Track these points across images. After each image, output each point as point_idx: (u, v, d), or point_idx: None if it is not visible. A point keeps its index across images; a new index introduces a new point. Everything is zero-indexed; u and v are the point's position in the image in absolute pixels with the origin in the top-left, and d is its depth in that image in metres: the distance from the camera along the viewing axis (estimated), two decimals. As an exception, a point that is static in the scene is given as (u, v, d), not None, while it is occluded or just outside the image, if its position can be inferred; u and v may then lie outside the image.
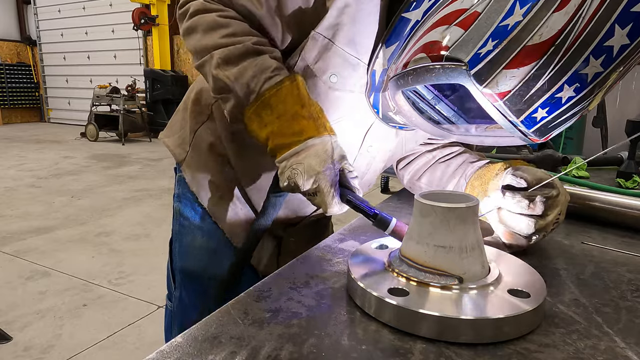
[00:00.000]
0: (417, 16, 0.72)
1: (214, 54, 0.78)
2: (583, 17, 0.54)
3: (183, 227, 1.03)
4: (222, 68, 0.77)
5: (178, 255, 1.05)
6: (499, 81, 0.58)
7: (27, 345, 2.33)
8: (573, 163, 1.43)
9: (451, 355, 0.47)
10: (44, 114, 13.11)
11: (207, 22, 0.79)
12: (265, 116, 0.75)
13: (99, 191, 5.37)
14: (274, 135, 0.75)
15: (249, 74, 0.76)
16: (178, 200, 1.05)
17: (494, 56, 0.58)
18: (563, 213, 0.78)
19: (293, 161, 0.74)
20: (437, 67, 0.63)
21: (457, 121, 0.79)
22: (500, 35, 0.58)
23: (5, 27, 12.52)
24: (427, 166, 1.07)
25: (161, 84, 9.21)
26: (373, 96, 0.84)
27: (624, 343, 0.50)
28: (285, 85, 0.75)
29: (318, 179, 0.72)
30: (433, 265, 0.56)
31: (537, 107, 0.60)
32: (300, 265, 0.70)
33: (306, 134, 0.74)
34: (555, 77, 0.57)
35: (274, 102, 0.75)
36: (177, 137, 1.04)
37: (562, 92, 0.58)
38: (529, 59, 0.57)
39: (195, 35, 0.81)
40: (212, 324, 0.52)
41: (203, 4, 0.80)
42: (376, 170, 1.03)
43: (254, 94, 0.75)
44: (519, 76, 0.58)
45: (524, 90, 0.59)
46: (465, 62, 0.59)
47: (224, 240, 0.99)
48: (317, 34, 0.78)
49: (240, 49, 0.77)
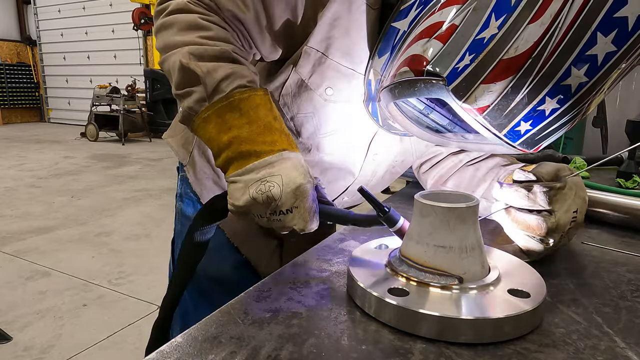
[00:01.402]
0: (404, 26, 0.70)
1: (184, 47, 0.70)
2: (560, 27, 0.53)
3: (185, 227, 1.03)
4: (194, 60, 0.69)
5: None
6: (477, 96, 0.57)
7: (27, 345, 2.33)
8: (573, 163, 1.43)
9: (451, 355, 0.47)
10: (44, 114, 13.12)
11: (187, 21, 0.72)
12: (231, 119, 0.67)
13: (99, 191, 5.37)
14: (241, 141, 0.66)
15: (221, 73, 0.68)
16: (180, 200, 1.05)
17: (471, 70, 0.56)
18: (581, 213, 0.72)
19: (265, 173, 0.64)
20: (419, 82, 0.62)
21: (453, 129, 0.76)
22: (477, 49, 0.56)
23: (5, 27, 12.53)
24: (453, 170, 1.03)
25: (161, 84, 9.20)
26: (371, 106, 0.83)
27: (624, 343, 0.50)
28: (259, 94, 0.69)
29: (299, 193, 0.64)
30: (433, 265, 0.56)
31: (520, 121, 0.58)
32: (300, 265, 0.70)
33: (280, 145, 0.66)
34: (535, 90, 0.56)
35: (244, 106, 0.67)
36: (180, 137, 1.04)
37: (545, 104, 0.57)
38: (505, 73, 0.55)
39: (169, 31, 0.73)
40: (212, 324, 0.53)
41: (186, 4, 0.73)
42: (380, 176, 1.02)
43: (222, 93, 0.68)
44: (497, 90, 0.56)
45: (503, 104, 0.57)
46: (443, 76, 0.58)
47: (225, 241, 0.99)
48: (310, 49, 0.77)
49: (217, 50, 0.70)
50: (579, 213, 0.71)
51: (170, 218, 1.09)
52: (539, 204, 0.69)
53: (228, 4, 0.74)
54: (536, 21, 0.53)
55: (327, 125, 0.86)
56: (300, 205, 0.65)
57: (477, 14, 0.56)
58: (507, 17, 0.54)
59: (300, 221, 0.66)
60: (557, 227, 0.69)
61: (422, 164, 1.10)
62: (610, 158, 0.89)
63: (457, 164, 1.03)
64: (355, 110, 0.84)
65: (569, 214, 0.70)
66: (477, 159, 1.01)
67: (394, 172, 1.05)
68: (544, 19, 0.53)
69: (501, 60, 0.55)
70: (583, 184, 0.74)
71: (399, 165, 1.03)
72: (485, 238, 0.64)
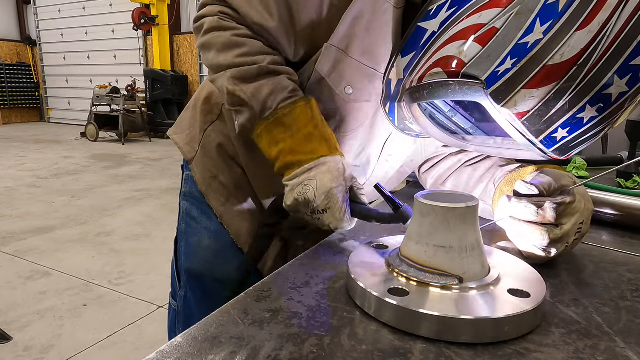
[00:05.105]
0: (434, 27, 0.69)
1: (227, 71, 0.79)
2: (608, 35, 0.52)
3: (190, 227, 1.03)
4: (236, 84, 0.78)
5: (184, 255, 1.04)
6: (517, 101, 0.56)
7: (27, 345, 2.33)
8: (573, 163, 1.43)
9: (451, 355, 0.47)
10: (44, 114, 13.12)
11: (222, 41, 0.79)
12: (278, 134, 0.76)
13: (99, 191, 5.37)
14: (285, 153, 0.76)
15: (265, 91, 0.77)
16: (185, 199, 1.05)
17: (512, 75, 0.56)
18: (586, 223, 0.71)
19: (304, 177, 0.74)
20: (453, 84, 0.61)
21: (475, 132, 0.76)
22: (520, 54, 0.55)
23: (5, 27, 12.53)
24: (452, 170, 1.03)
25: (161, 84, 9.22)
26: (389, 105, 0.82)
27: (624, 343, 0.50)
28: (299, 106, 0.76)
29: (330, 195, 0.73)
30: (433, 265, 0.56)
31: (558, 128, 0.58)
32: (300, 265, 0.70)
33: (318, 153, 0.75)
34: (577, 98, 0.55)
35: (287, 121, 0.76)
36: (186, 135, 1.03)
37: (584, 112, 0.56)
38: (549, 79, 0.55)
39: (210, 52, 0.82)
40: (212, 324, 0.52)
41: (218, 22, 0.80)
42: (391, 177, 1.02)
43: (270, 110, 0.76)
44: (539, 96, 0.56)
45: (543, 110, 0.56)
46: (482, 80, 0.57)
47: (230, 242, 0.99)
48: (330, 46, 0.77)
49: (256, 70, 0.77)
50: (584, 224, 0.71)
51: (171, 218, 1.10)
52: (548, 219, 0.68)
53: (254, 16, 0.78)
54: (584, 29, 0.52)
55: (347, 124, 0.86)
56: (332, 207, 0.74)
57: (520, 17, 0.56)
58: (554, 23, 0.53)
59: (333, 220, 0.75)
60: (562, 238, 0.68)
61: (423, 163, 1.10)
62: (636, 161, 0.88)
63: (456, 163, 1.02)
64: (373, 110, 0.84)
65: (576, 226, 0.69)
66: (475, 158, 1.01)
67: (402, 172, 1.05)
68: (591, 27, 0.52)
69: (545, 66, 0.54)
70: (587, 193, 0.74)
71: (408, 165, 1.03)
72: (485, 238, 0.64)
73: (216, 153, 0.98)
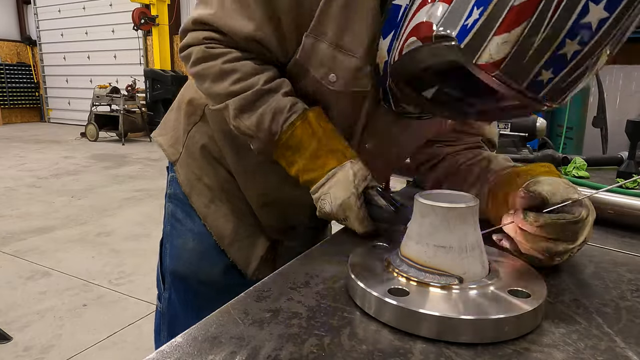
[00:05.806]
0: (405, 1, 0.69)
1: (228, 104, 0.81)
2: None
3: (174, 229, 1.02)
4: (240, 118, 0.81)
5: (169, 257, 1.04)
6: (491, 50, 0.54)
7: (27, 345, 2.33)
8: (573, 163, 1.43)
9: (451, 355, 0.47)
10: (44, 114, 13.11)
11: (214, 72, 0.80)
12: (289, 157, 0.81)
13: (99, 191, 5.37)
14: (302, 172, 0.81)
15: (267, 119, 0.79)
16: (170, 200, 1.04)
17: (481, 24, 0.54)
18: (591, 232, 0.67)
19: (321, 192, 0.79)
20: (428, 48, 0.60)
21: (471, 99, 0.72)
22: (485, 1, 0.54)
23: (5, 27, 12.52)
24: (449, 172, 1.02)
25: (161, 84, 9.20)
26: (381, 90, 0.81)
27: (624, 343, 0.50)
28: (297, 126, 0.79)
29: (345, 205, 0.76)
30: (433, 265, 0.56)
31: (541, 69, 0.55)
32: (300, 265, 0.70)
33: (328, 166, 0.79)
34: (554, 33, 0.52)
35: (292, 143, 0.80)
36: (170, 137, 1.03)
37: (565, 47, 0.53)
38: (519, 20, 0.52)
39: (205, 83, 0.83)
40: (212, 324, 0.52)
41: (205, 51, 0.80)
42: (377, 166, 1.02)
43: (276, 135, 0.80)
44: (512, 40, 0.53)
45: (520, 53, 0.54)
46: (453, 36, 0.56)
47: (214, 244, 0.99)
48: (309, 35, 0.76)
49: (253, 95, 0.79)
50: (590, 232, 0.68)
51: (170, 218, 1.09)
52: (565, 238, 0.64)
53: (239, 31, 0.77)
54: None
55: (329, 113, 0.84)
56: (350, 215, 0.77)
57: None
58: None
59: (356, 226, 0.78)
60: (571, 250, 0.66)
61: (421, 164, 1.09)
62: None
63: (453, 164, 1.01)
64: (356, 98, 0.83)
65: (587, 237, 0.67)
66: (471, 159, 0.99)
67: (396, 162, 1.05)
68: None
69: (513, 6, 0.52)
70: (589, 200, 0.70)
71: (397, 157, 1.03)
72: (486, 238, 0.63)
73: (200, 154, 0.98)
